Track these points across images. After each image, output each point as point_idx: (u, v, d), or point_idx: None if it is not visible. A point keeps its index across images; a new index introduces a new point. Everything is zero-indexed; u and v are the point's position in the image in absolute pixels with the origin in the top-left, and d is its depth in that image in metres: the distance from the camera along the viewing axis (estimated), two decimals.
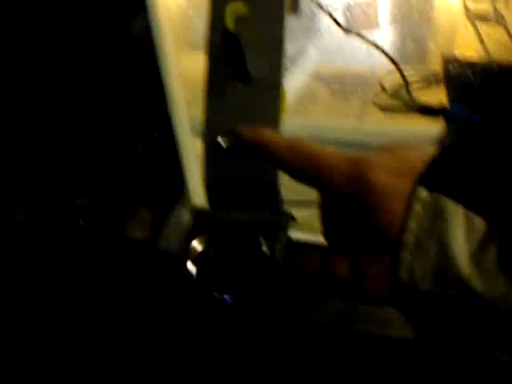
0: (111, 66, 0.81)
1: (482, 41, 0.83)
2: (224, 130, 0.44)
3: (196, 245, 0.46)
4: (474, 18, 0.85)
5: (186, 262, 0.45)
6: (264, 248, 0.45)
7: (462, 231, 0.29)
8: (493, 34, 0.84)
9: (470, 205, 0.29)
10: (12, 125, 0.77)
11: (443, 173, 0.30)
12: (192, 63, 0.68)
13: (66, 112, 0.77)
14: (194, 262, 0.45)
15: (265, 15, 0.43)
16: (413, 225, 0.29)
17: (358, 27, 0.79)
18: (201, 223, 0.47)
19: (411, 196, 0.30)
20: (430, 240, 0.29)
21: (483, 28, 0.84)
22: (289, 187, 0.48)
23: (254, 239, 0.46)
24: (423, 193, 0.30)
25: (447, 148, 0.31)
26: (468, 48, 0.83)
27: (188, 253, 0.45)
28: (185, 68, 0.66)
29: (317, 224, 0.72)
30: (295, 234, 0.67)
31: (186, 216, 0.50)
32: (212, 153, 0.46)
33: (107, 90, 0.79)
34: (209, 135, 0.45)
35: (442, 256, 0.29)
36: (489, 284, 0.28)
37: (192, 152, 0.68)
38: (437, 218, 0.29)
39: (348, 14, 0.77)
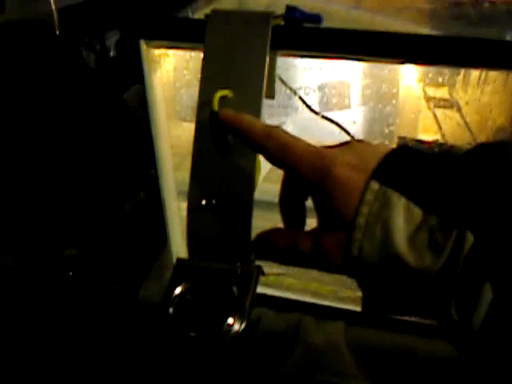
0: (108, 130, 0.89)
1: (439, 125, 0.93)
2: (206, 192, 0.52)
3: (176, 291, 0.52)
4: (434, 104, 0.95)
5: (166, 305, 0.51)
6: (236, 297, 0.52)
7: (402, 218, 0.36)
8: (450, 119, 0.93)
9: (412, 196, 0.36)
10: (4, 177, 0.83)
11: (392, 168, 0.37)
12: (180, 132, 0.76)
13: (61, 167, 0.83)
14: (174, 306, 0.51)
15: (245, 98, 0.51)
16: (364, 210, 0.36)
17: (332, 107, 0.89)
18: (181, 272, 0.54)
19: (365, 187, 0.37)
20: (377, 224, 0.36)
21: (442, 113, 0.94)
22: None
23: (228, 288, 0.52)
24: (375, 185, 0.37)
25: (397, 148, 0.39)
26: (429, 131, 0.93)
27: (168, 298, 0.52)
28: (173, 136, 0.73)
29: (286, 281, 0.79)
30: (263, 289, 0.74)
31: (167, 267, 0.56)
32: (194, 211, 0.54)
33: (102, 151, 0.87)
34: (193, 196, 0.53)
35: (385, 237, 0.36)
36: (419, 258, 0.35)
37: (175, 210, 0.75)
38: (383, 206, 0.36)
39: (322, 95, 0.86)
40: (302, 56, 0.57)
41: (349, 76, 0.82)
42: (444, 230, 0.35)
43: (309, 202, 0.43)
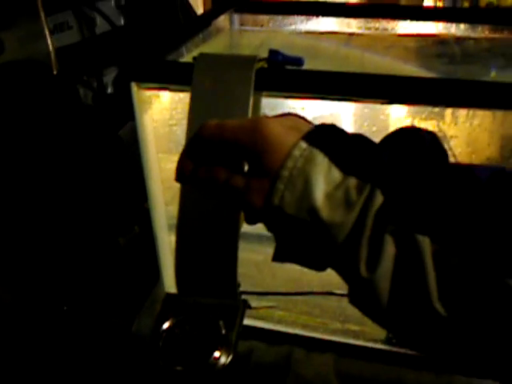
0: (104, 165, 0.91)
1: None
2: (193, 230, 0.54)
3: (165, 326, 0.54)
4: None
5: (155, 339, 0.53)
6: (222, 331, 0.53)
7: (322, 176, 0.39)
8: None
9: (335, 158, 0.40)
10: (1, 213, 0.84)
11: (321, 134, 0.41)
12: (172, 166, 0.78)
13: (57, 203, 0.85)
14: (162, 340, 0.53)
15: None
16: (290, 164, 0.40)
17: None
18: (170, 306, 0.55)
19: (294, 144, 0.40)
20: (300, 177, 0.39)
21: None
22: (248, 280, 0.57)
23: (215, 322, 0.53)
24: (303, 144, 0.40)
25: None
26: None
27: (157, 332, 0.53)
28: (166, 170, 0.75)
29: (276, 314, 0.80)
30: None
31: (160, 301, 0.57)
32: (182, 249, 0.55)
33: (98, 186, 0.89)
34: (181, 234, 0.54)
35: (305, 190, 0.39)
36: (332, 214, 0.38)
37: (167, 244, 0.77)
38: (307, 162, 0.39)
39: None
40: (286, 97, 0.59)
41: (334, 114, 0.84)
42: (358, 189, 0.38)
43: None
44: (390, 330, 0.41)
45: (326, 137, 0.41)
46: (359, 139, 0.42)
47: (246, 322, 0.77)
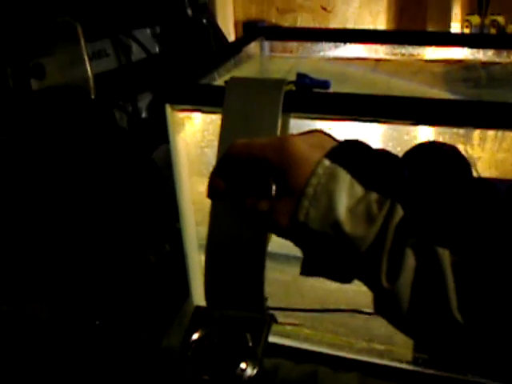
0: (137, 186, 0.94)
1: None
2: (223, 246, 0.56)
3: (194, 337, 0.55)
4: None
5: (184, 350, 0.54)
6: (249, 343, 0.54)
7: (345, 192, 0.41)
8: None
9: (357, 174, 0.42)
10: (39, 229, 0.88)
11: (344, 151, 0.43)
12: (202, 189, 0.80)
13: (94, 223, 0.88)
14: (191, 351, 0.54)
15: None
16: (314, 181, 0.42)
17: None
18: (199, 319, 0.57)
19: (317, 162, 0.42)
20: (324, 194, 0.41)
21: None
22: (275, 299, 0.58)
23: (242, 335, 0.55)
24: (326, 161, 0.42)
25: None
26: None
27: (186, 343, 0.55)
28: (196, 192, 0.77)
29: (303, 332, 0.81)
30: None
31: (188, 317, 0.59)
32: (211, 264, 0.57)
33: (131, 207, 0.92)
34: (210, 250, 0.57)
35: (329, 205, 0.41)
36: (354, 227, 0.40)
37: (197, 262, 0.79)
38: (331, 179, 0.41)
39: None
40: (313, 118, 0.61)
41: (362, 135, 0.86)
42: (379, 204, 0.40)
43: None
44: (411, 336, 0.42)
45: (348, 153, 0.43)
46: (382, 154, 0.44)
47: (273, 339, 0.78)
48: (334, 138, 0.47)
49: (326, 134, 0.47)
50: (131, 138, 1.03)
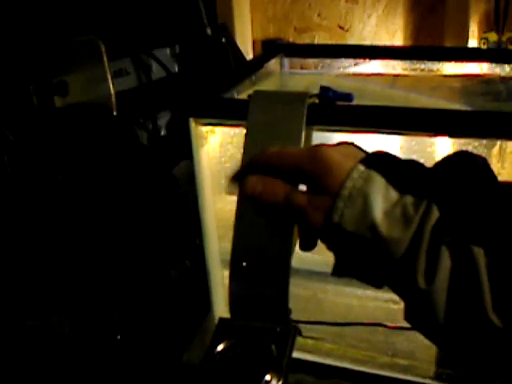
0: (158, 202, 0.95)
1: None
2: (247, 258, 0.56)
3: (219, 348, 0.55)
4: None
5: (208, 361, 0.54)
6: (274, 355, 0.54)
7: (381, 195, 0.41)
8: None
9: (391, 179, 0.42)
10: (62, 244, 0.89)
11: (377, 158, 0.44)
12: (224, 205, 0.80)
13: (116, 238, 0.89)
14: (215, 362, 0.54)
15: None
16: (349, 184, 0.42)
17: None
18: (223, 330, 0.57)
19: (352, 168, 0.43)
20: (359, 196, 0.42)
21: None
22: (297, 314, 0.58)
23: (267, 346, 0.55)
24: (361, 167, 0.43)
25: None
26: None
27: (211, 354, 0.55)
28: (218, 209, 0.78)
29: (324, 347, 0.80)
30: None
31: (209, 332, 0.59)
32: (236, 276, 0.58)
33: (152, 222, 0.93)
34: (234, 262, 0.57)
35: (364, 208, 0.41)
36: (391, 229, 0.40)
37: (219, 278, 0.79)
38: (366, 182, 0.42)
39: None
40: (336, 131, 0.62)
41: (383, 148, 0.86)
42: (415, 206, 0.41)
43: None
44: (445, 345, 0.42)
45: (381, 161, 0.44)
46: (412, 163, 0.45)
47: (295, 354, 0.78)
48: (363, 150, 0.47)
49: (356, 145, 0.48)
50: (152, 154, 1.05)
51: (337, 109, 0.60)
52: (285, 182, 0.46)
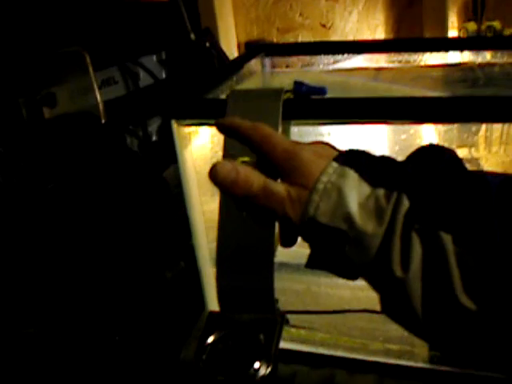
0: (150, 206, 0.97)
1: None
2: (232, 253, 0.58)
3: (209, 340, 0.57)
4: None
5: (199, 353, 0.56)
6: (262, 343, 0.56)
7: (355, 189, 0.43)
8: None
9: (363, 173, 0.44)
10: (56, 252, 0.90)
11: (350, 156, 0.46)
12: (213, 206, 0.82)
13: (108, 242, 0.91)
14: (206, 354, 0.56)
15: None
16: (324, 179, 0.44)
17: None
18: (213, 323, 0.59)
19: (327, 164, 0.45)
20: (334, 190, 0.43)
21: None
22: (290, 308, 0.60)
23: (255, 336, 0.56)
24: (335, 164, 0.45)
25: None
26: None
27: (202, 346, 0.57)
28: (208, 211, 0.79)
29: (317, 336, 0.82)
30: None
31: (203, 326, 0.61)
32: (222, 271, 0.59)
33: (146, 226, 0.94)
34: (220, 258, 0.58)
35: (339, 200, 0.43)
36: (365, 220, 0.42)
37: (211, 276, 0.81)
38: (340, 177, 0.44)
39: None
40: (312, 124, 0.63)
41: (366, 140, 0.87)
42: (386, 197, 0.42)
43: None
44: (423, 334, 0.43)
45: (354, 158, 0.46)
46: (384, 159, 0.46)
47: (288, 345, 0.80)
48: (336, 149, 0.49)
49: (330, 145, 0.49)
50: (142, 159, 1.06)
51: (311, 103, 0.62)
52: (259, 171, 0.47)
